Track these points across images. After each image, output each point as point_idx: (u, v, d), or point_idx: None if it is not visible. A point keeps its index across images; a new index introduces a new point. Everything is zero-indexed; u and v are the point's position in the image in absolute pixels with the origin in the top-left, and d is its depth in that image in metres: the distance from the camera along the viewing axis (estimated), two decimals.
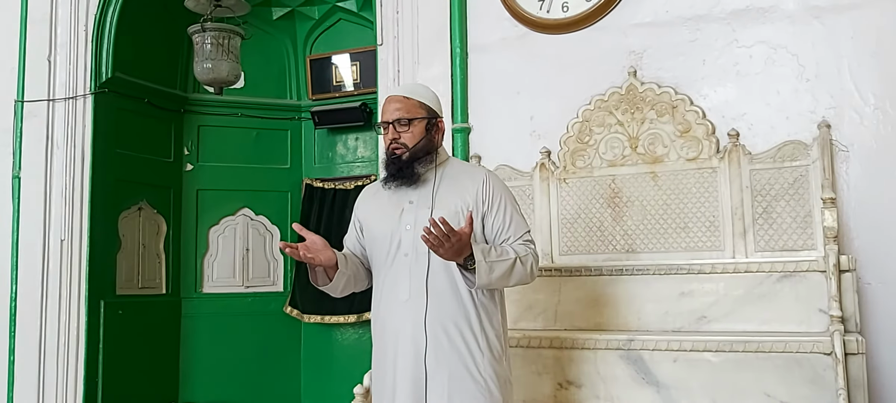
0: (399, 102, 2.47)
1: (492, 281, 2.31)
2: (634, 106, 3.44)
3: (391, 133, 2.45)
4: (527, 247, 2.43)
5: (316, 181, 5.29)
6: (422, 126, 2.46)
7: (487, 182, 2.47)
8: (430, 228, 2.15)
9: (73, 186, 4.41)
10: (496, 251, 2.34)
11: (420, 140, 2.45)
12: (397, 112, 2.45)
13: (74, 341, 4.33)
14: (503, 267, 2.32)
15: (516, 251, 2.37)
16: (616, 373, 2.95)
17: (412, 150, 2.44)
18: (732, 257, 3.18)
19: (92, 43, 4.47)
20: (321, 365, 5.21)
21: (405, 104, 2.46)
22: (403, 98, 2.48)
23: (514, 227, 2.45)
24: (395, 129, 2.44)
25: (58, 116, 4.46)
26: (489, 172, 2.55)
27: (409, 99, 2.48)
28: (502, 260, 2.32)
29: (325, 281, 2.45)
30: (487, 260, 2.28)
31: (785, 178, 3.14)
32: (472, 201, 2.42)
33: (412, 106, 2.46)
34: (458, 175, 2.51)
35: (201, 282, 5.17)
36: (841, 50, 3.17)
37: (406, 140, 2.44)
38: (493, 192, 2.46)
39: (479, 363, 2.35)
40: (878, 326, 2.99)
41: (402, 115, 2.44)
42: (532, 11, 3.70)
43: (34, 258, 4.38)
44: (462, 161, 2.68)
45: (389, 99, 2.51)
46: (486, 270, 2.27)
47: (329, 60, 5.26)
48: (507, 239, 2.43)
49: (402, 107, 2.45)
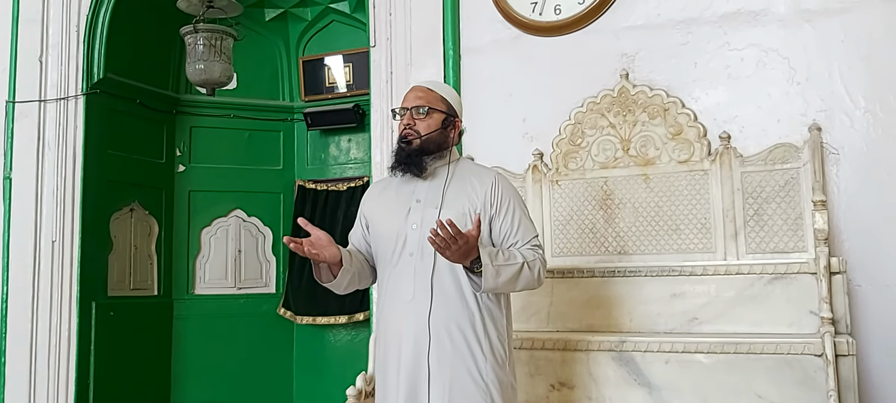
0: (422, 91, 2.49)
1: (498, 286, 2.29)
2: (626, 108, 3.46)
3: (407, 119, 2.45)
4: (535, 252, 2.40)
5: (308, 182, 5.29)
6: (439, 119, 2.46)
7: (497, 185, 2.45)
8: (437, 230, 2.14)
9: (64, 187, 4.39)
10: (504, 255, 2.32)
11: (433, 131, 2.44)
12: (418, 100, 2.46)
13: (66, 342, 4.31)
14: (510, 272, 2.30)
15: (524, 255, 2.35)
16: (608, 374, 2.96)
17: (424, 139, 2.43)
18: (724, 259, 3.19)
19: (84, 43, 4.45)
20: (313, 367, 5.21)
21: (427, 95, 2.47)
22: (427, 89, 2.50)
23: (522, 232, 2.43)
24: (412, 116, 2.44)
25: (49, 117, 4.43)
26: (499, 175, 2.52)
27: (433, 91, 2.49)
28: (509, 265, 2.30)
29: (329, 277, 2.43)
30: (494, 263, 2.26)
31: (776, 181, 3.16)
32: (480, 203, 2.41)
33: (434, 98, 2.47)
34: (468, 176, 2.48)
35: (193, 284, 5.15)
36: (831, 53, 3.18)
37: (420, 128, 2.43)
38: (502, 195, 2.44)
39: (481, 367, 2.33)
40: (868, 328, 3.00)
41: (422, 104, 2.45)
42: (525, 14, 3.71)
43: (25, 259, 4.35)
44: (473, 162, 2.67)
45: (414, 88, 2.53)
46: (492, 274, 2.25)
47: (322, 62, 5.26)
48: (514, 243, 2.41)
49: (424, 97, 2.46)
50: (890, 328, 2.98)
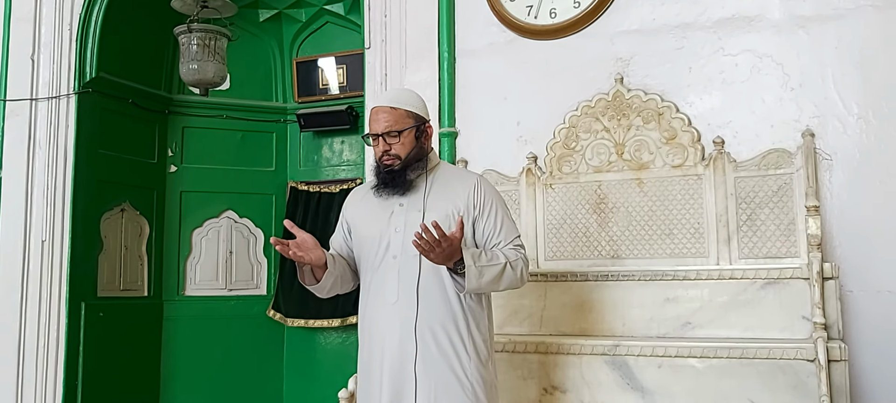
0: (386, 113, 2.43)
1: (482, 286, 2.32)
2: (621, 112, 3.46)
3: (382, 145, 2.43)
4: (517, 252, 2.43)
5: (301, 184, 5.28)
6: (411, 135, 2.45)
7: (478, 187, 2.48)
8: (421, 233, 2.15)
9: (54, 186, 4.36)
10: (486, 255, 2.35)
11: (412, 149, 2.44)
12: (386, 124, 2.42)
13: (54, 343, 4.28)
14: (493, 272, 2.33)
15: (506, 255, 2.38)
16: (601, 379, 2.96)
17: (405, 160, 2.43)
18: (717, 264, 3.20)
19: (76, 42, 4.43)
20: (304, 369, 5.19)
21: (393, 115, 2.43)
22: (390, 109, 2.44)
23: (504, 232, 2.45)
24: (385, 141, 2.42)
25: (40, 116, 4.41)
26: (480, 177, 2.55)
27: (397, 109, 2.44)
28: (492, 265, 2.33)
29: (313, 280, 2.46)
30: (477, 264, 2.29)
31: (769, 186, 3.17)
32: (463, 206, 2.43)
33: (400, 116, 2.43)
34: (450, 179, 2.51)
35: (184, 285, 5.13)
36: (825, 60, 3.20)
37: (398, 151, 2.42)
38: (484, 197, 2.46)
39: (465, 366, 2.36)
40: (860, 333, 3.02)
41: (392, 127, 2.41)
42: (520, 17, 3.71)
43: (15, 258, 4.32)
44: (453, 166, 2.68)
45: (375, 109, 2.47)
46: (476, 274, 2.28)
47: (315, 63, 5.25)
48: (497, 243, 2.44)
49: (390, 118, 2.42)
50: (881, 333, 3.00)
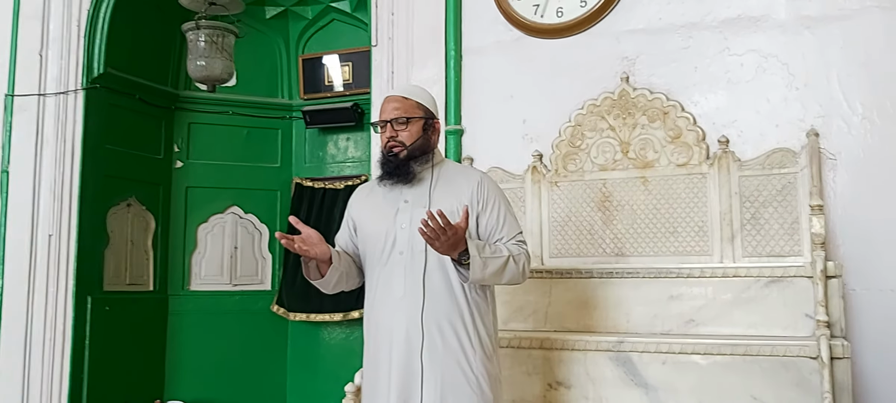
0: (397, 102, 2.51)
1: (485, 277, 2.34)
2: (626, 111, 3.48)
3: (389, 131, 2.49)
4: (520, 247, 2.48)
5: (306, 180, 5.29)
6: (419, 125, 2.50)
7: (482, 183, 2.52)
8: (426, 220, 2.18)
9: (62, 182, 4.38)
10: (490, 248, 2.39)
11: (417, 139, 2.49)
12: (396, 111, 2.49)
13: (60, 337, 4.30)
14: (497, 264, 2.36)
15: (510, 250, 2.43)
16: (605, 374, 2.98)
17: (410, 149, 2.47)
18: (721, 262, 3.22)
19: (84, 38, 4.45)
20: (307, 364, 5.20)
21: (403, 104, 2.50)
22: (402, 98, 2.52)
23: (507, 228, 2.49)
24: (392, 128, 2.48)
25: (48, 111, 4.43)
26: (484, 174, 2.60)
27: (408, 99, 2.52)
28: (496, 258, 2.37)
29: (318, 275, 2.48)
30: (482, 255, 2.32)
31: (773, 185, 3.19)
32: (467, 202, 2.46)
33: (410, 106, 2.50)
34: (454, 176, 2.55)
35: (189, 280, 5.14)
36: (830, 60, 3.22)
37: (404, 138, 2.47)
38: (487, 194, 2.50)
39: (471, 361, 2.39)
40: (862, 331, 3.03)
41: (401, 114, 2.48)
42: (527, 16, 3.73)
43: (22, 253, 4.35)
44: (457, 163, 2.72)
45: (388, 98, 2.55)
46: (480, 265, 2.31)
47: (321, 60, 5.26)
48: (500, 239, 2.48)
49: (401, 107, 2.50)
50: (884, 332, 3.01)
